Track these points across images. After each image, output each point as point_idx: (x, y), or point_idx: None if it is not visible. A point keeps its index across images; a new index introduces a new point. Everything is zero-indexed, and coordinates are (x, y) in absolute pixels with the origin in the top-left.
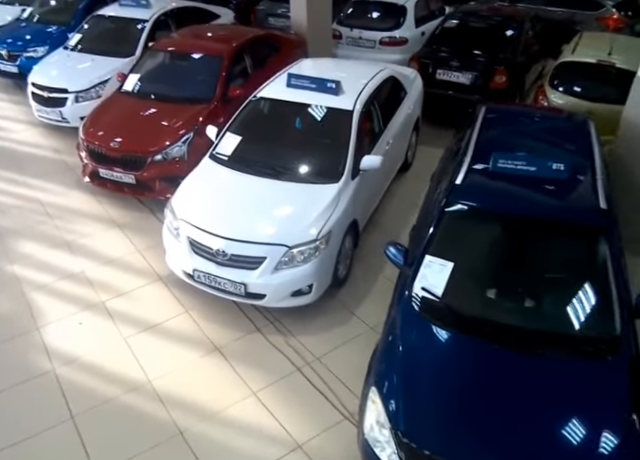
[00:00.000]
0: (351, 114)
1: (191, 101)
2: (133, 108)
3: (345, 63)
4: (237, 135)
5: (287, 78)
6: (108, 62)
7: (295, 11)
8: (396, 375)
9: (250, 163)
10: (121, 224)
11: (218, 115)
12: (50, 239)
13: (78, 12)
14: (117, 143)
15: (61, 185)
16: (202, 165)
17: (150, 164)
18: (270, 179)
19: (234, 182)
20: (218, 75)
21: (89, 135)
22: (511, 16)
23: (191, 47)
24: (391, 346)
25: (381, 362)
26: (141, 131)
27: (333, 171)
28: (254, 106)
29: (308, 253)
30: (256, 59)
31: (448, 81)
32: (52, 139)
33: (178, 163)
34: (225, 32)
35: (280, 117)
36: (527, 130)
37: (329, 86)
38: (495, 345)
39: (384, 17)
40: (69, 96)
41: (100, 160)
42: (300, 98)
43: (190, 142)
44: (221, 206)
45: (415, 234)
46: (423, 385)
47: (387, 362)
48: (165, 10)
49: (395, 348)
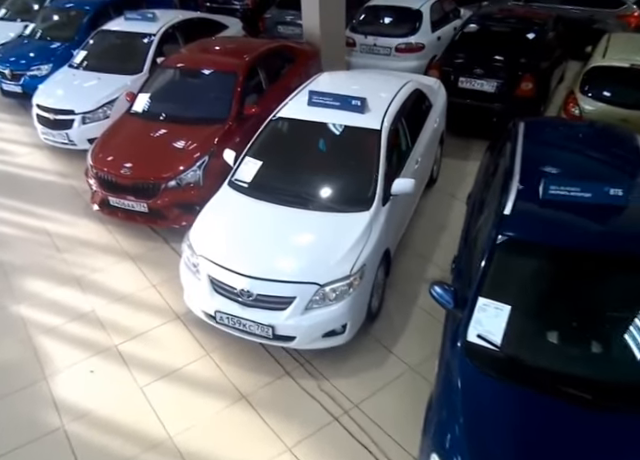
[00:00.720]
0: (379, 134)
1: (205, 121)
2: (144, 131)
3: (366, 76)
4: (257, 160)
5: (308, 96)
6: (115, 80)
7: (307, 19)
8: (459, 447)
9: (273, 191)
10: (134, 256)
11: (234, 135)
12: (59, 275)
13: (82, 27)
14: (128, 170)
15: (69, 213)
16: (220, 194)
17: (163, 191)
18: (295, 208)
19: (256, 212)
20: (232, 92)
21: (98, 162)
22: (532, 18)
23: (202, 63)
24: (451, 409)
25: (442, 429)
26: (153, 156)
27: (363, 198)
28: (274, 127)
29: (341, 290)
30: (270, 73)
31: (471, 89)
32: (58, 163)
33: (193, 189)
34: (237, 45)
35: (302, 139)
36: (574, 148)
37: (354, 104)
38: (566, 401)
39: (399, 22)
40: (76, 118)
41: (110, 188)
42: (323, 117)
43: (206, 166)
44: (244, 240)
45: (459, 268)
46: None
47: (449, 429)
48: (172, 23)
49: (456, 411)
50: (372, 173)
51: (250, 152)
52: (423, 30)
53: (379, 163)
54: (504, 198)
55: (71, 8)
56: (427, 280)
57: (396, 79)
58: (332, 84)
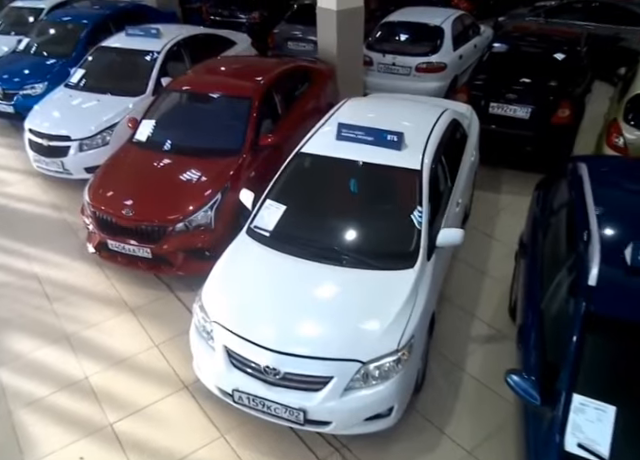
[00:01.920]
0: (419, 175)
1: (216, 153)
2: (147, 163)
3: (398, 103)
4: (280, 203)
5: (337, 129)
6: (116, 102)
7: (322, 35)
8: None
9: (299, 241)
10: (134, 307)
11: (248, 169)
12: (47, 331)
13: (80, 43)
14: (130, 210)
15: (62, 254)
16: (237, 243)
17: (170, 235)
18: (327, 264)
19: (281, 268)
20: (246, 120)
21: (96, 199)
22: (563, 37)
23: (213, 87)
24: None
25: None
26: (158, 194)
27: (405, 252)
28: (298, 165)
29: (387, 368)
30: (286, 96)
31: (503, 116)
32: (52, 193)
33: (203, 232)
34: (249, 66)
35: (331, 179)
36: None
37: (390, 139)
38: None
39: (419, 40)
40: (72, 144)
41: (109, 230)
42: (354, 154)
43: (218, 206)
44: (267, 304)
45: (528, 341)
46: None
47: None
48: (177, 39)
49: None
50: (413, 223)
51: (272, 194)
52: (445, 49)
53: (421, 210)
54: (584, 263)
55: (68, 22)
56: (473, 339)
57: (431, 107)
58: (361, 113)
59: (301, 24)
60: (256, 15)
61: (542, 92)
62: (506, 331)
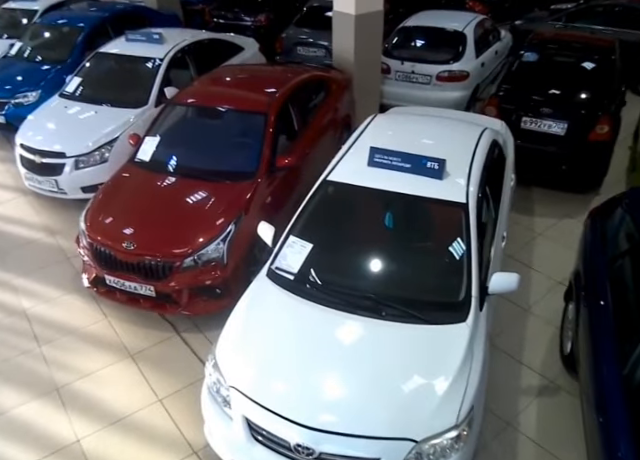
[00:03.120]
0: (465, 208)
1: (228, 176)
2: (151, 188)
3: (430, 122)
4: (305, 241)
5: (369, 154)
6: (115, 115)
7: (338, 41)
8: None
9: (329, 288)
10: (134, 352)
11: (264, 195)
12: (35, 381)
13: (76, 47)
14: (131, 243)
15: (54, 285)
16: (256, 289)
17: (176, 271)
18: (364, 316)
19: (309, 322)
20: (262, 138)
21: (93, 229)
22: (595, 44)
23: (223, 101)
24: None
25: None
26: (164, 224)
27: (454, 302)
28: (324, 195)
29: (445, 446)
30: (302, 110)
31: (536, 131)
32: (45, 214)
33: (214, 268)
34: (262, 76)
35: (363, 212)
36: None
37: (430, 167)
38: None
39: (440, 47)
40: (67, 162)
41: (108, 265)
42: (389, 184)
43: (231, 238)
44: (295, 367)
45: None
46: None
47: None
48: (182, 45)
49: None
50: (462, 266)
51: (295, 230)
52: (467, 56)
53: (470, 251)
54: None
55: (63, 25)
56: (524, 391)
57: (468, 126)
58: (391, 133)
59: (311, 28)
60: (262, 18)
61: (578, 106)
62: (560, 382)
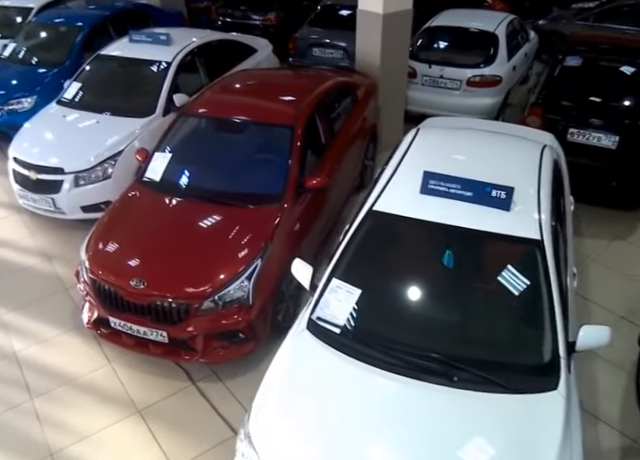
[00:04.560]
0: (540, 246)
1: (251, 200)
2: (163, 214)
3: (480, 138)
4: (351, 285)
5: (422, 179)
6: (120, 125)
7: (363, 43)
8: None
9: (384, 345)
10: (143, 407)
11: (292, 221)
12: (24, 446)
13: (74, 49)
14: (141, 281)
15: (50, 322)
16: (294, 345)
17: (194, 315)
18: (430, 382)
19: (365, 391)
20: (288, 156)
21: (96, 262)
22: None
23: (243, 112)
24: None
25: None
26: (179, 258)
27: (539, 364)
28: (371, 229)
29: None
30: (330, 121)
31: (585, 144)
32: (41, 236)
33: (238, 310)
34: (284, 82)
35: (418, 249)
36: None
37: (495, 196)
38: None
39: (470, 49)
40: (66, 178)
41: (113, 306)
42: (448, 216)
43: (258, 275)
44: (350, 452)
45: None
46: None
47: None
48: (191, 47)
49: None
50: (542, 317)
51: (339, 271)
52: (500, 59)
53: (551, 298)
54: None
55: (61, 24)
56: (606, 454)
57: (526, 143)
58: (441, 153)
59: (327, 28)
60: (272, 16)
61: (631, 117)
62: None
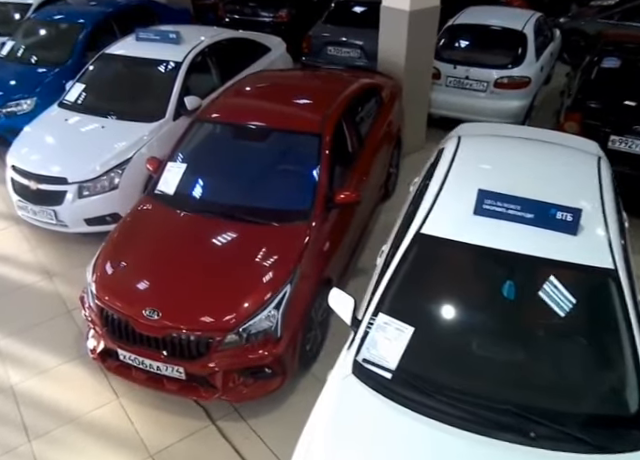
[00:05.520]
0: (615, 276)
1: (276, 217)
2: (179, 233)
3: (529, 148)
4: (401, 321)
5: (477, 199)
6: (127, 130)
7: (387, 42)
8: None
9: (444, 394)
10: (156, 451)
11: (321, 240)
12: None
13: (77, 47)
14: (155, 311)
15: (50, 350)
16: (339, 394)
17: (215, 349)
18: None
19: (422, 446)
20: (316, 167)
21: (104, 287)
22: None
23: (265, 117)
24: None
25: None
26: (197, 285)
27: (625, 414)
28: (419, 255)
29: None
30: (358, 128)
31: (628, 153)
32: (41, 250)
33: (265, 343)
34: (307, 85)
35: (473, 278)
36: None
37: (560, 218)
38: None
39: (497, 48)
40: (69, 189)
41: (122, 338)
42: (507, 241)
43: (287, 303)
44: None
45: None
46: None
47: None
48: (203, 46)
49: None
50: (623, 360)
51: (386, 306)
52: (528, 59)
53: (633, 338)
54: None
55: (61, 21)
56: None
57: (577, 155)
58: (490, 167)
59: (343, 25)
60: (283, 14)
61: None
62: None
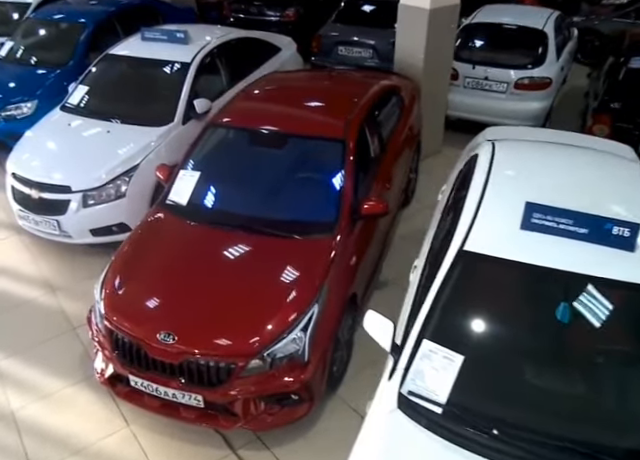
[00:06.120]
0: None
1: (299, 230)
2: (194, 248)
3: (570, 155)
4: (449, 349)
5: (524, 212)
6: (134, 134)
7: (404, 41)
8: None
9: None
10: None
11: (347, 255)
12: None
13: (78, 48)
14: (170, 335)
15: (54, 371)
16: (384, 427)
17: (237, 376)
18: None
19: None
20: (341, 175)
21: (114, 307)
22: None
23: (283, 122)
24: None
25: None
26: (217, 305)
27: None
28: (463, 275)
29: None
30: (380, 132)
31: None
32: (45, 261)
33: (291, 369)
34: (325, 87)
35: (525, 301)
36: None
37: (617, 233)
38: None
39: (517, 48)
40: (73, 198)
41: (134, 363)
42: (560, 259)
43: (315, 325)
44: None
45: None
46: None
47: None
48: (212, 46)
49: None
50: None
51: (430, 331)
52: (549, 59)
53: None
54: None
55: (62, 20)
56: None
57: (620, 161)
58: (531, 176)
59: (354, 25)
60: (291, 12)
61: None
62: None
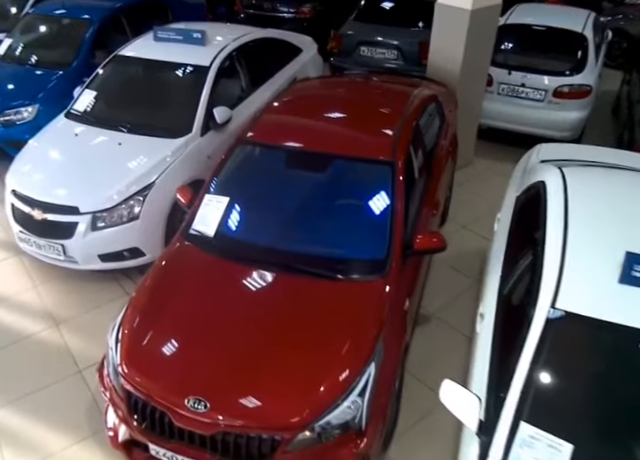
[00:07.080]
0: None
1: (346, 270)
2: (226, 291)
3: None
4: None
5: (625, 264)
6: (147, 147)
7: (440, 44)
8: None
9: None
10: None
11: (401, 298)
12: None
13: (83, 47)
14: (201, 401)
15: (57, 426)
16: None
17: (283, 450)
18: None
19: None
20: (389, 205)
21: (134, 365)
22: None
23: (322, 141)
24: None
25: None
26: (256, 365)
27: None
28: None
29: None
30: (425, 151)
31: None
32: (46, 288)
33: (346, 440)
34: (363, 98)
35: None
36: None
37: None
38: None
39: (555, 53)
40: (81, 219)
41: (157, 431)
42: None
43: (373, 390)
44: None
45: None
46: None
47: None
48: (232, 48)
49: None
50: None
51: (526, 412)
52: (590, 65)
53: None
54: None
55: (64, 16)
56: None
57: None
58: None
59: (377, 24)
60: (307, 9)
61: None
62: None
